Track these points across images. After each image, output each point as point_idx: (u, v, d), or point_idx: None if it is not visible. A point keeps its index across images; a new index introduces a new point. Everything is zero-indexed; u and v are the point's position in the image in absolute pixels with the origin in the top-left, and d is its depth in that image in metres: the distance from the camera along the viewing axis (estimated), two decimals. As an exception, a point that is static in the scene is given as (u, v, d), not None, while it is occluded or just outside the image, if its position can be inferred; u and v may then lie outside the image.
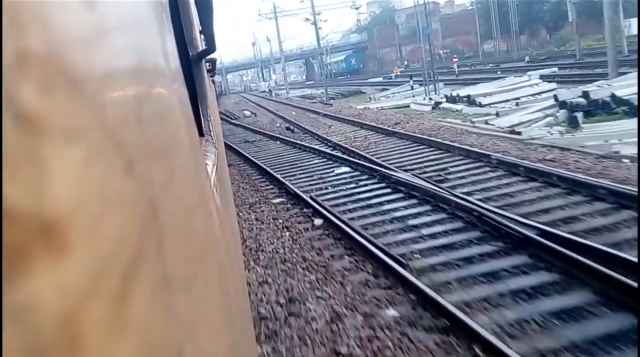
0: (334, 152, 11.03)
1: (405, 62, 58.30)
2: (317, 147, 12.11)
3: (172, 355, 0.34)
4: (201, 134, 1.82)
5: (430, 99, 20.73)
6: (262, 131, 16.94)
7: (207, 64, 3.31)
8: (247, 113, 25.14)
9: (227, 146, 10.08)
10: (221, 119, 19.01)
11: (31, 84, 0.19)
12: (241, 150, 13.07)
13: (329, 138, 13.02)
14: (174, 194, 0.45)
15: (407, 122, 14.35)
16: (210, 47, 2.26)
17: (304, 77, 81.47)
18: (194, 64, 1.99)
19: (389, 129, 13.04)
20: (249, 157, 11.98)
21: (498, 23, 49.58)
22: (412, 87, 26.25)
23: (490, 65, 34.63)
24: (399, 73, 40.12)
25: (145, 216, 0.32)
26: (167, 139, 0.49)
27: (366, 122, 15.05)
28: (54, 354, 0.18)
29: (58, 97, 0.21)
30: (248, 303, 2.01)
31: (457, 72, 30.47)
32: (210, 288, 0.63)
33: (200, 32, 2.44)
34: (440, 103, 18.81)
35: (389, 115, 16.91)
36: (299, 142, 13.31)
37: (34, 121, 0.19)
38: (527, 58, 33.79)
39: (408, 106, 20.78)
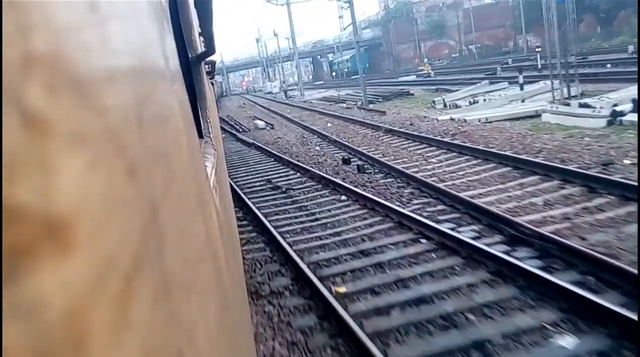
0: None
1: (425, 59, 52.89)
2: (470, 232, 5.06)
3: (172, 353, 0.34)
4: (201, 136, 1.82)
5: (588, 105, 11.41)
6: (298, 162, 9.77)
7: (207, 66, 3.31)
8: (261, 123, 18.52)
9: (235, 197, 6.52)
10: (223, 132, 15.49)
11: (36, 86, 0.20)
12: (267, 222, 6.08)
13: (468, 198, 5.78)
14: (174, 196, 0.45)
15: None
16: (210, 49, 2.26)
17: (311, 77, 75.11)
18: (193, 66, 1.99)
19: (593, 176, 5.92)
20: (306, 269, 4.63)
21: (552, 13, 44.14)
22: (521, 86, 17.29)
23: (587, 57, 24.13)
24: (430, 70, 35.85)
25: (147, 217, 0.32)
26: (168, 141, 0.49)
27: (504, 153, 7.84)
28: (58, 351, 0.18)
29: (62, 100, 0.22)
30: (247, 304, 2.01)
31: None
32: (209, 289, 0.63)
33: (200, 34, 2.44)
34: (621, 113, 9.99)
35: (541, 139, 8.97)
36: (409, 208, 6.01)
37: (40, 122, 0.19)
38: (630, 48, 23.86)
39: (536, 116, 12.34)
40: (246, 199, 7.41)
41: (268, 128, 17.67)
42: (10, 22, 0.19)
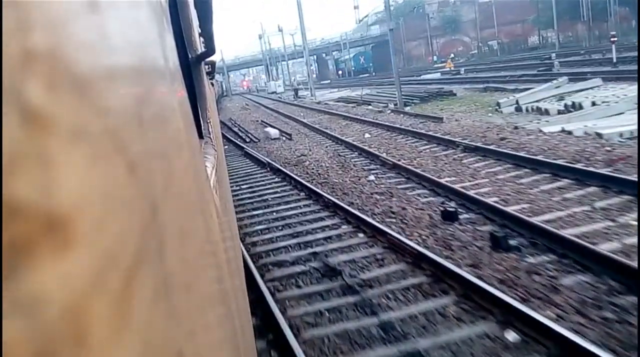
0: None
1: (435, 57, 50.97)
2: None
3: (173, 352, 0.34)
4: (201, 136, 1.82)
5: None
6: (355, 209, 5.98)
7: (207, 66, 3.31)
8: (273, 132, 14.58)
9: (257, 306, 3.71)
10: (224, 142, 12.70)
11: (36, 83, 0.20)
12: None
13: None
14: (174, 195, 0.46)
15: None
16: (210, 49, 2.26)
17: (314, 76, 72.15)
18: (193, 66, 1.99)
19: None
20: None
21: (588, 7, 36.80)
22: None
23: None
24: (452, 67, 34.29)
25: (147, 216, 0.32)
26: (168, 140, 0.49)
27: None
28: (58, 348, 0.18)
29: (62, 97, 0.22)
30: (247, 303, 2.01)
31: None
32: (210, 288, 0.63)
33: (200, 34, 2.44)
34: None
35: None
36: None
37: (40, 119, 0.20)
38: None
39: None
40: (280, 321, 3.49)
41: (284, 138, 13.81)
42: (10, 19, 0.19)
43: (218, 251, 0.87)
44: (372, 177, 7.89)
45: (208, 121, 2.07)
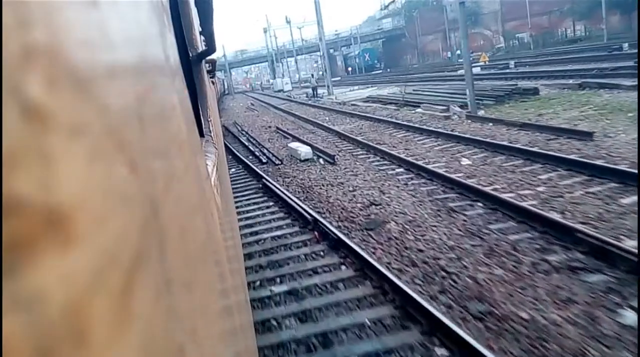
0: None
1: (456, 52, 46.01)
2: None
3: (173, 350, 0.34)
4: (202, 134, 1.82)
5: None
6: None
7: (207, 64, 3.31)
8: (304, 151, 9.58)
9: None
10: (231, 164, 9.46)
11: (36, 79, 0.20)
12: None
13: None
14: (175, 193, 0.46)
15: None
16: (210, 48, 2.26)
17: (321, 73, 68.44)
18: (194, 64, 1.99)
19: None
20: None
21: None
22: None
23: None
24: (487, 61, 31.03)
25: (147, 213, 0.32)
26: (168, 139, 0.49)
27: None
28: (58, 345, 0.18)
29: (63, 93, 0.22)
30: (248, 302, 2.01)
31: None
32: (211, 286, 0.63)
33: (200, 32, 2.44)
34: None
35: None
36: None
37: (40, 116, 0.20)
38: None
39: None
40: None
41: (322, 160, 9.04)
42: (11, 15, 0.19)
43: (219, 248, 0.87)
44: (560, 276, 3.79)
45: (209, 120, 2.07)
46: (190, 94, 1.03)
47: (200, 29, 2.45)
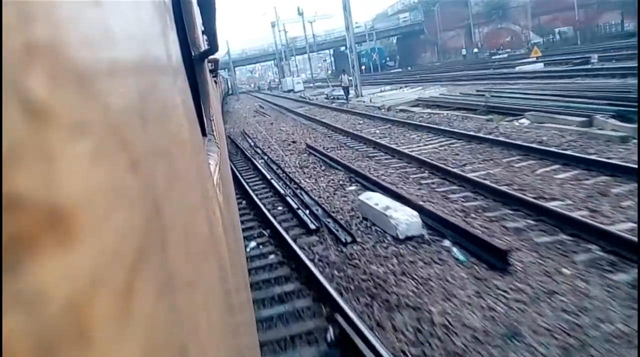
0: None
1: (478, 48, 43.97)
2: None
3: (176, 349, 0.34)
4: (204, 133, 1.82)
5: None
6: None
7: (210, 64, 3.31)
8: (402, 225, 4.71)
9: None
10: (247, 233, 5.28)
11: (38, 77, 0.20)
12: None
13: None
14: (177, 192, 0.46)
15: None
16: (213, 47, 2.26)
17: (330, 72, 61.68)
18: (196, 63, 1.99)
19: None
20: None
21: None
22: None
23: None
24: (539, 56, 28.72)
25: (149, 212, 0.32)
26: (170, 137, 0.49)
27: None
28: (59, 343, 0.18)
29: (64, 91, 0.22)
30: (250, 300, 2.02)
31: None
32: (213, 286, 0.63)
33: (203, 32, 2.44)
34: None
35: None
36: None
37: (41, 113, 0.19)
38: None
39: None
40: None
41: (460, 250, 4.32)
42: (12, 12, 0.19)
43: (221, 248, 0.87)
44: None
45: (211, 119, 2.07)
46: (192, 93, 1.03)
47: (203, 28, 2.45)
